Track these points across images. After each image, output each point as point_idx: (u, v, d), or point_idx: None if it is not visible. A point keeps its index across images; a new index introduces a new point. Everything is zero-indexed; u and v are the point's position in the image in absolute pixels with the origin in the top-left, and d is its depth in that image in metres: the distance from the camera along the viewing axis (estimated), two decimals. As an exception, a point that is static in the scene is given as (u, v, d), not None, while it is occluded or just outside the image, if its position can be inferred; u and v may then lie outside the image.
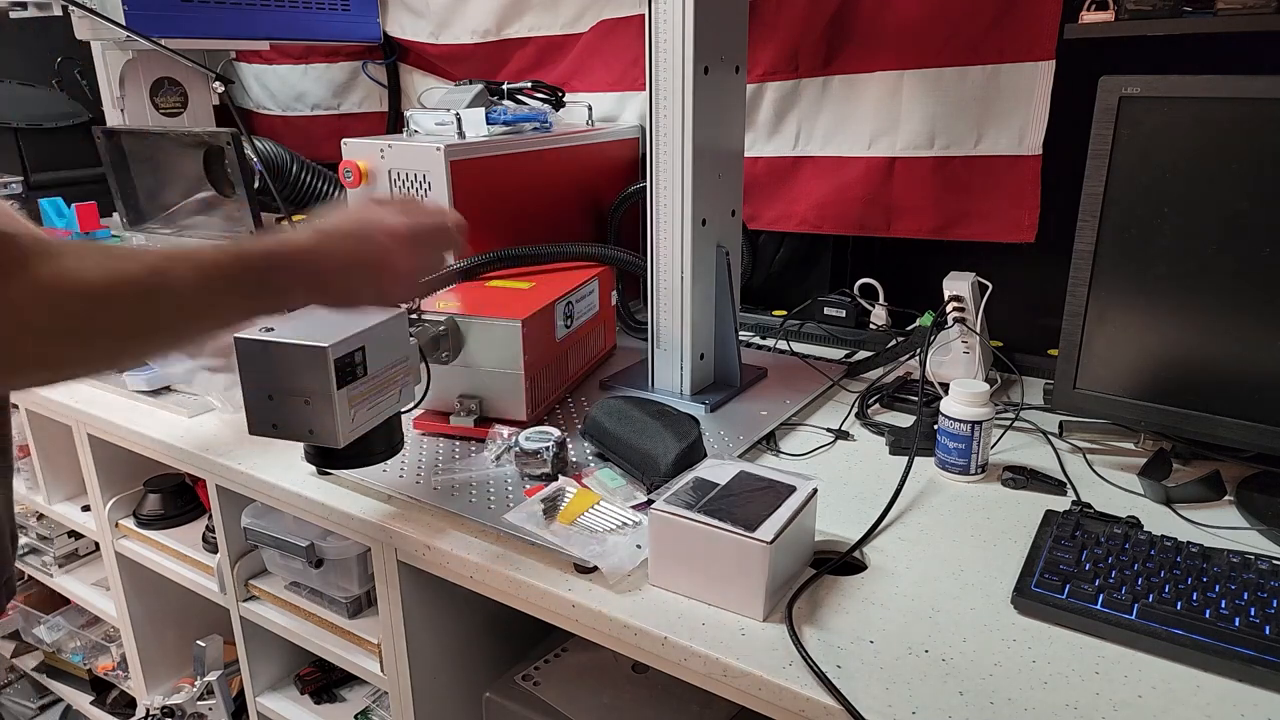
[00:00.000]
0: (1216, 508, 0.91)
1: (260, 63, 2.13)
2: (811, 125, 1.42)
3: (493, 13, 1.73)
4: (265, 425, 0.80)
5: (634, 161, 1.58)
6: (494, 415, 1.07)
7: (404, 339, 0.89)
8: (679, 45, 1.04)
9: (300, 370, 0.77)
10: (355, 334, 0.80)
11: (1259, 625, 0.69)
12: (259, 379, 0.79)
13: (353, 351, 0.80)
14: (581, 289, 1.22)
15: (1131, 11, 1.05)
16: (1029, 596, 0.74)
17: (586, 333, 1.25)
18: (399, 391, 0.88)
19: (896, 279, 1.45)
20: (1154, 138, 0.89)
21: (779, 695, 0.67)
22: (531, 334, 1.05)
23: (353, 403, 0.80)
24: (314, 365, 0.77)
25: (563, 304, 1.16)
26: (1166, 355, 0.94)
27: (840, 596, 0.77)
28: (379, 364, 0.84)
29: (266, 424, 0.80)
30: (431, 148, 1.21)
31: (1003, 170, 1.26)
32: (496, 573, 0.83)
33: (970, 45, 1.24)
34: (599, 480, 0.95)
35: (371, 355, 0.82)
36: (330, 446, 0.80)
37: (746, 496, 0.78)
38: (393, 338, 0.86)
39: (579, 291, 1.21)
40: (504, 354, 1.04)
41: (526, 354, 1.04)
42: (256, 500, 1.12)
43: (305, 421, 0.79)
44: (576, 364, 1.24)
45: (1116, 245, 0.94)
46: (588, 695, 1.00)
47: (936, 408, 0.99)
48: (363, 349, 0.81)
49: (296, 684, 1.36)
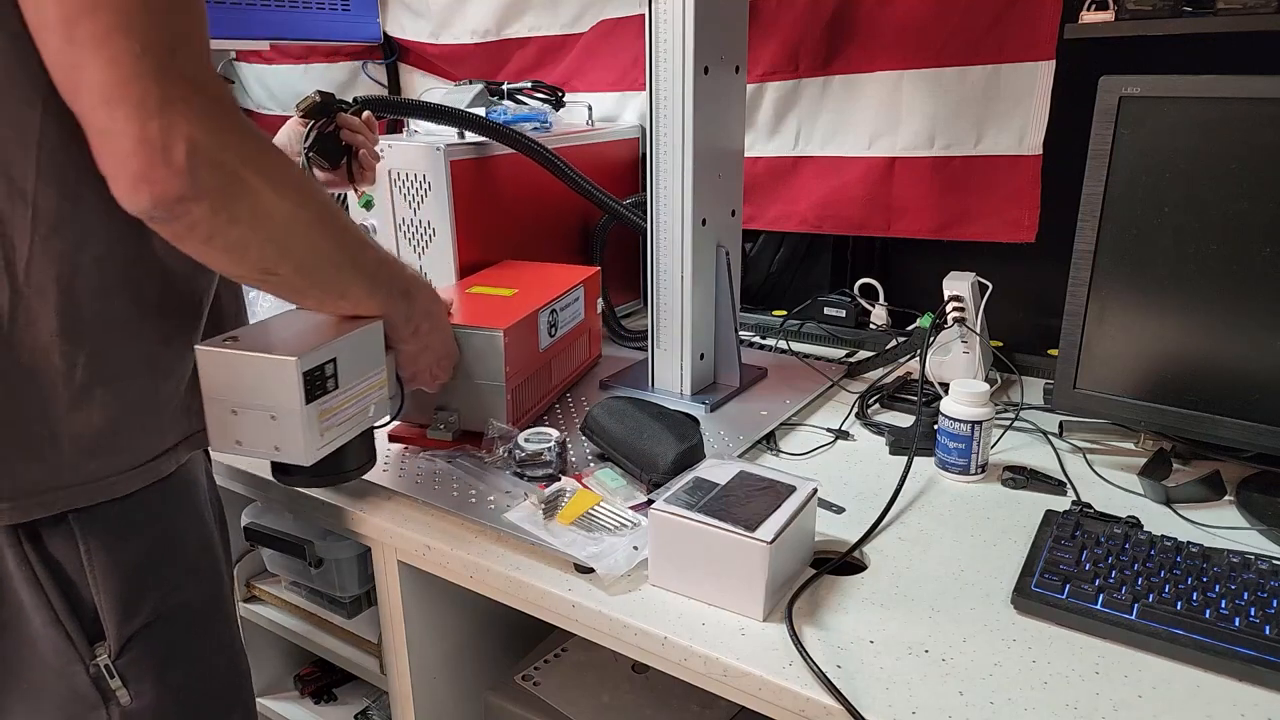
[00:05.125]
0: (1216, 508, 0.91)
1: (260, 63, 2.13)
2: (811, 125, 1.42)
3: (493, 13, 1.73)
4: (228, 441, 0.75)
5: (634, 161, 1.58)
6: (474, 428, 1.02)
7: (378, 350, 0.84)
8: (679, 45, 1.04)
9: (265, 383, 0.72)
10: (326, 345, 0.75)
11: (1259, 625, 0.69)
12: (222, 391, 0.73)
13: (322, 364, 0.75)
14: (566, 296, 1.18)
15: (1131, 11, 1.05)
16: (1029, 596, 0.74)
17: (571, 342, 1.21)
18: (372, 406, 0.84)
19: (896, 279, 1.45)
20: (1154, 138, 0.89)
21: (779, 695, 0.67)
22: (514, 344, 1.01)
23: (322, 418, 0.76)
24: (280, 378, 0.72)
25: (546, 312, 1.11)
26: (1166, 355, 0.94)
27: (840, 596, 0.77)
28: (351, 377, 0.79)
29: (229, 440, 0.75)
30: (431, 148, 1.21)
31: (1003, 170, 1.26)
32: (496, 573, 0.83)
33: (970, 45, 1.24)
34: (599, 480, 0.95)
35: (343, 368, 0.78)
36: (297, 464, 0.75)
37: (746, 496, 0.78)
38: (366, 349, 0.82)
39: (564, 299, 1.17)
40: (485, 365, 1.00)
41: (508, 364, 1.00)
42: (256, 500, 1.12)
43: (270, 438, 0.74)
44: (561, 374, 1.19)
45: (1116, 245, 0.94)
46: (588, 695, 1.00)
47: (936, 408, 0.99)
48: (333, 361, 0.76)
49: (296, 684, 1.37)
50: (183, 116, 0.57)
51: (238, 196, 0.62)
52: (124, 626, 0.73)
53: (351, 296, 0.78)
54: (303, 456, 0.74)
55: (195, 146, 0.58)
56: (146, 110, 0.56)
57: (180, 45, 0.58)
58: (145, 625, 0.75)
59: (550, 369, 1.15)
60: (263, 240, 0.65)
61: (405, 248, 1.30)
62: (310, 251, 0.70)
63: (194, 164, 0.58)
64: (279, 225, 0.66)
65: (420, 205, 1.25)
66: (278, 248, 0.67)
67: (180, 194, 0.59)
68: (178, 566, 0.78)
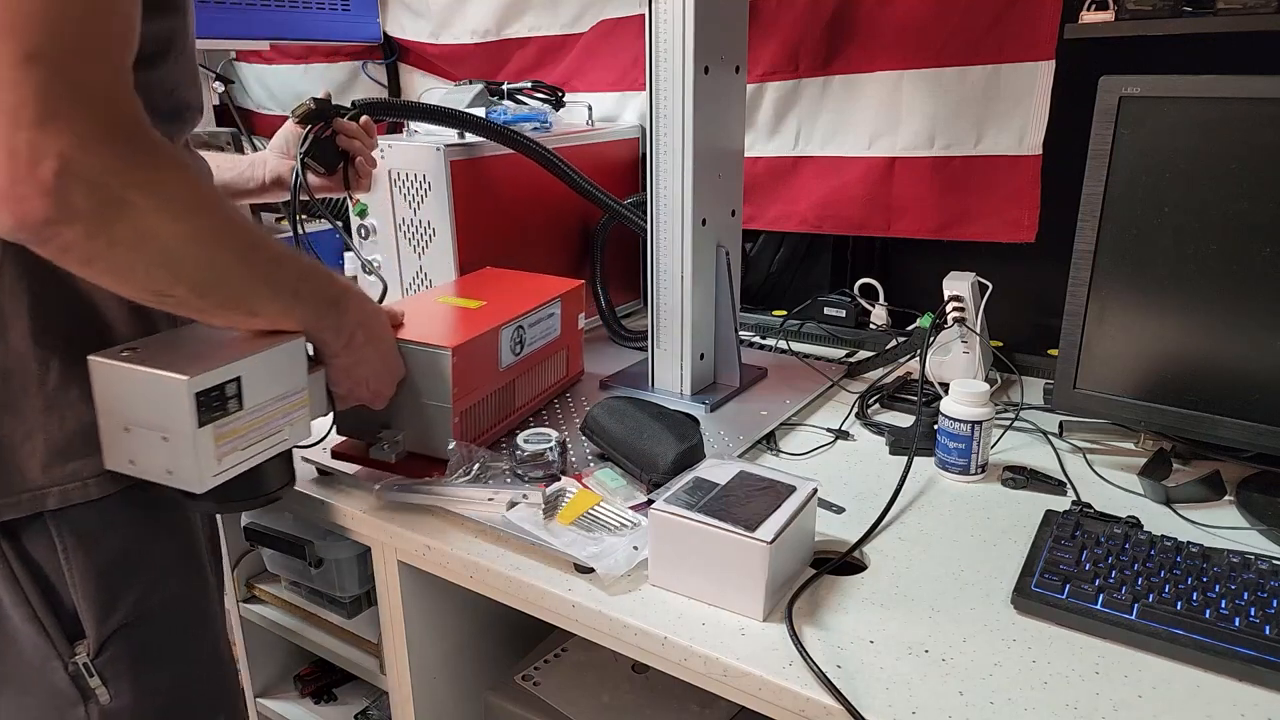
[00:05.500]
0: (1216, 508, 0.91)
1: (261, 63, 2.13)
2: (811, 125, 1.42)
3: (493, 13, 1.73)
4: (121, 460, 0.70)
5: (634, 161, 1.58)
6: (420, 451, 0.96)
7: (298, 366, 0.78)
8: (679, 45, 1.04)
9: (156, 402, 0.67)
10: (228, 364, 0.70)
11: (1259, 625, 0.69)
12: (114, 406, 0.69)
13: (222, 384, 0.69)
14: (538, 311, 1.09)
15: (1131, 11, 1.05)
16: (1029, 596, 0.74)
17: (542, 360, 1.13)
18: (288, 427, 0.78)
19: (896, 279, 1.45)
20: (1154, 138, 0.89)
21: (779, 695, 0.67)
22: (465, 364, 0.94)
23: (220, 441, 0.70)
24: (171, 398, 0.67)
25: (511, 329, 1.03)
26: (1166, 355, 0.94)
27: (840, 596, 0.77)
28: (261, 396, 0.74)
29: (123, 459, 0.70)
30: (431, 148, 1.21)
31: (1003, 170, 1.26)
32: (496, 573, 0.83)
33: (970, 45, 1.24)
34: (599, 480, 0.95)
35: (250, 387, 0.72)
36: (190, 491, 0.70)
37: (746, 496, 0.78)
38: (282, 365, 0.76)
39: (535, 314, 1.09)
40: (431, 384, 0.93)
41: (457, 385, 0.92)
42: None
43: (162, 460, 0.69)
44: (527, 394, 1.11)
45: (1116, 245, 0.94)
46: (588, 695, 1.00)
47: (936, 408, 0.99)
48: (237, 380, 0.71)
49: (296, 684, 1.37)
50: (61, 132, 0.53)
51: (116, 219, 0.57)
52: (102, 626, 0.74)
53: (265, 314, 0.72)
54: (195, 483, 0.69)
55: (68, 165, 0.53)
56: (17, 120, 0.52)
57: (80, 56, 0.54)
58: (124, 625, 0.75)
59: (513, 389, 1.07)
60: (150, 263, 0.61)
61: (405, 248, 1.30)
62: (208, 272, 0.65)
63: (63, 184, 0.53)
64: (169, 247, 0.61)
65: (420, 205, 1.25)
66: (169, 270, 0.62)
67: (46, 216, 0.54)
68: (157, 568, 0.77)
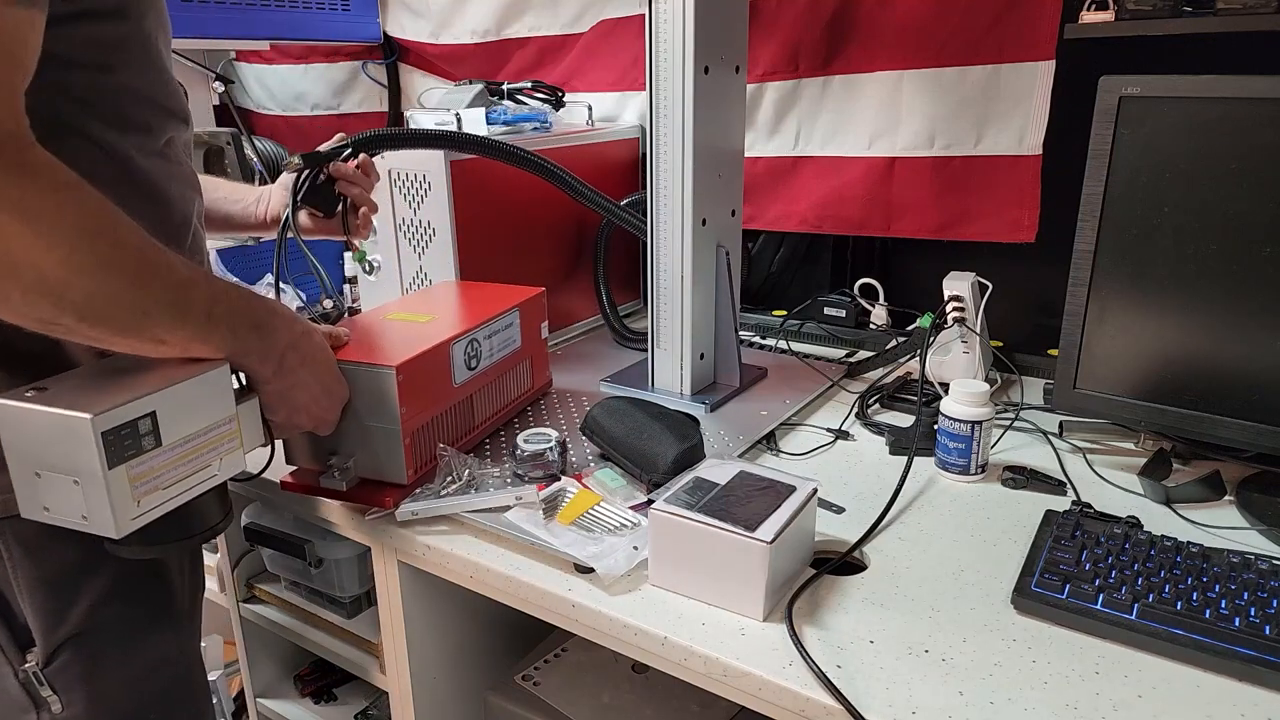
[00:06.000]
0: (1216, 508, 0.91)
1: (260, 63, 2.13)
2: (811, 125, 1.42)
3: (493, 13, 1.73)
4: (35, 507, 0.66)
5: (634, 161, 1.58)
6: (371, 476, 0.92)
7: (224, 396, 0.73)
8: (679, 45, 1.04)
9: (62, 444, 0.63)
10: (139, 398, 0.65)
11: (1259, 625, 0.69)
12: (22, 451, 0.65)
13: (134, 420, 0.65)
14: (494, 322, 1.05)
15: (1131, 11, 1.05)
16: (1029, 596, 0.74)
17: (503, 373, 1.08)
18: (218, 460, 0.73)
19: (896, 279, 1.45)
20: (1154, 138, 0.89)
21: (779, 695, 0.67)
22: (412, 382, 0.89)
23: (136, 482, 0.66)
24: (75, 439, 0.62)
25: (464, 343, 0.99)
26: (1166, 355, 0.94)
27: (840, 596, 0.77)
28: (182, 430, 0.69)
29: (37, 506, 0.66)
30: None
31: (1003, 170, 1.26)
32: (496, 573, 0.83)
33: (970, 45, 1.24)
34: (599, 480, 0.95)
35: (168, 421, 0.67)
36: (106, 536, 0.65)
37: (746, 496, 0.78)
38: (205, 396, 0.71)
39: (490, 326, 1.04)
40: (377, 406, 0.88)
41: (405, 405, 0.88)
42: (256, 500, 1.12)
43: (76, 505, 0.65)
44: (489, 409, 1.07)
45: (1116, 245, 0.94)
46: (588, 695, 1.00)
47: (936, 408, 0.99)
48: (152, 415, 0.66)
49: (296, 684, 1.37)
50: None
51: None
52: (51, 635, 0.73)
53: (173, 340, 0.67)
54: (111, 528, 0.65)
55: None
56: None
57: None
58: (75, 635, 0.75)
59: (471, 405, 1.03)
60: (27, 290, 0.57)
61: (405, 248, 1.30)
62: (97, 299, 0.60)
63: None
64: (46, 274, 0.57)
65: (420, 205, 1.25)
66: (51, 298, 0.58)
67: None
68: (109, 578, 0.76)
